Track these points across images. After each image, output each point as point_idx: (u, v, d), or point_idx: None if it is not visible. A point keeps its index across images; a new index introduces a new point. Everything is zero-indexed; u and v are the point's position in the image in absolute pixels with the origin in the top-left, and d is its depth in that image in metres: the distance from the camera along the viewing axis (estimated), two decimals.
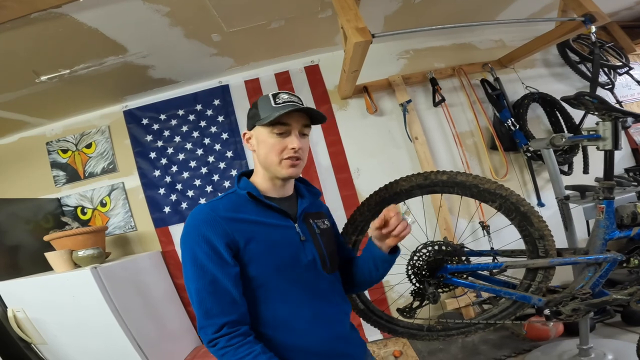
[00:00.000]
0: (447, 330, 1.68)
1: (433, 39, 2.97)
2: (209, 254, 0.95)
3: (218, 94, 2.80)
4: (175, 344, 2.45)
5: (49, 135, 2.86)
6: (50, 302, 1.99)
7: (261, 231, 1.02)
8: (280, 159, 1.04)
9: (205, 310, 0.93)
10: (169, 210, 2.73)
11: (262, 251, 1.00)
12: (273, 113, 1.01)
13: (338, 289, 1.17)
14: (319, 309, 1.06)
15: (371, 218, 1.46)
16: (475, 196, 1.34)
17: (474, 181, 1.30)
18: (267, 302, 1.01)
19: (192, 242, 0.97)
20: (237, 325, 0.94)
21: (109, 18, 1.80)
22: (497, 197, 1.32)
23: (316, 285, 1.08)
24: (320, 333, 1.04)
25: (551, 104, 2.86)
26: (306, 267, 1.06)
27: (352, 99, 2.82)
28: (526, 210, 1.32)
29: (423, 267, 1.48)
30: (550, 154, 1.74)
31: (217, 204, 1.03)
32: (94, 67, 2.20)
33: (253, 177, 1.14)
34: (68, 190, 2.82)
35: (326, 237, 1.17)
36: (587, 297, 1.40)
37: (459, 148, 2.77)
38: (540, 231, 1.35)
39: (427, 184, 1.36)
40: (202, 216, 1.00)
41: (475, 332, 1.67)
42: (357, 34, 1.81)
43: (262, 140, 1.06)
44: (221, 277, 0.94)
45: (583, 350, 1.88)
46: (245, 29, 2.22)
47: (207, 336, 0.93)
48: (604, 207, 1.43)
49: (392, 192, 1.39)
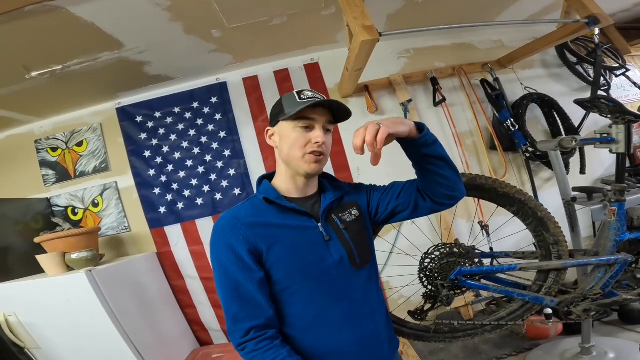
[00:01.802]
0: (454, 332, 1.67)
1: (434, 39, 2.96)
2: (232, 260, 0.97)
3: (216, 92, 2.72)
4: (173, 346, 2.41)
5: (37, 133, 2.74)
6: (43, 306, 1.93)
7: (283, 235, 1.01)
8: (303, 153, 1.02)
9: (232, 315, 0.95)
10: (165, 211, 2.65)
11: (285, 255, 1.00)
12: (298, 107, 1.00)
13: (370, 284, 1.12)
14: (347, 310, 1.04)
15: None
16: (494, 200, 1.32)
17: (494, 185, 1.28)
18: (293, 305, 1.01)
19: (217, 249, 1.00)
20: (264, 329, 0.95)
21: (107, 12, 1.72)
22: (515, 202, 1.31)
23: (344, 285, 1.05)
24: (348, 334, 1.03)
25: (549, 104, 2.88)
26: (332, 268, 1.03)
27: (353, 98, 2.78)
28: (544, 216, 1.31)
29: (435, 269, 1.46)
30: (558, 156, 1.74)
31: (239, 211, 1.05)
32: (87, 63, 2.10)
33: (275, 179, 1.13)
34: (58, 190, 2.72)
35: (353, 229, 1.11)
36: (598, 298, 1.40)
37: (458, 148, 2.76)
38: (555, 237, 1.34)
39: None
40: (225, 223, 1.02)
41: (482, 334, 1.66)
42: (365, 32, 1.77)
43: (285, 135, 1.05)
44: (245, 283, 0.96)
45: (585, 348, 1.90)
46: (246, 25, 2.16)
47: (236, 340, 0.95)
48: (616, 210, 1.43)
49: None
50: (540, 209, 1.30)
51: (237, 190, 2.66)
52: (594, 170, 2.94)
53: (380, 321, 1.13)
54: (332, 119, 1.08)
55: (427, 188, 1.10)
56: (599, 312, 1.42)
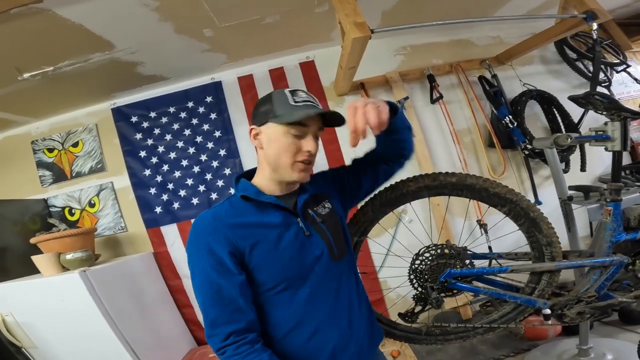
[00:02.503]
0: (446, 335, 1.64)
1: (430, 35, 2.92)
2: (212, 264, 0.93)
3: (210, 91, 2.71)
4: (171, 346, 2.41)
5: (34, 134, 2.75)
6: (39, 306, 1.94)
7: (265, 234, 0.98)
8: (293, 161, 0.99)
9: (212, 319, 0.92)
10: (161, 211, 2.65)
11: (268, 255, 0.97)
12: (293, 112, 0.96)
13: (350, 276, 1.13)
14: (331, 305, 1.04)
15: (375, 219, 1.41)
16: (485, 200, 1.29)
17: (484, 184, 1.26)
18: (277, 306, 0.99)
19: (196, 252, 0.96)
20: (245, 333, 0.92)
21: (94, 13, 1.70)
22: (507, 202, 1.28)
23: (327, 280, 1.04)
24: (331, 330, 1.02)
25: (549, 101, 2.84)
26: (315, 263, 1.02)
27: (349, 96, 2.76)
28: (536, 217, 1.28)
29: (425, 271, 1.44)
30: (554, 154, 1.70)
31: (219, 211, 1.01)
32: (79, 64, 2.09)
33: (255, 177, 1.08)
34: (55, 190, 2.72)
35: (329, 222, 1.10)
36: (592, 300, 1.37)
37: (456, 145, 2.73)
38: (548, 238, 1.31)
39: (436, 186, 1.31)
40: (205, 225, 0.97)
41: (474, 336, 1.63)
42: (356, 29, 1.75)
43: (274, 139, 0.99)
44: (226, 287, 0.92)
45: (583, 350, 1.87)
46: (238, 24, 2.14)
47: (215, 344, 0.92)
48: (612, 210, 1.40)
49: (398, 193, 1.34)
50: (532, 209, 1.27)
51: (232, 190, 2.64)
52: (595, 168, 2.90)
53: (362, 314, 1.12)
54: (322, 124, 1.05)
55: (388, 153, 1.18)
56: (593, 315, 1.39)
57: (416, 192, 1.33)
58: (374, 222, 1.42)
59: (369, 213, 1.39)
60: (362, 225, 1.42)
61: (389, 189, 1.36)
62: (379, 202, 1.37)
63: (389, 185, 1.37)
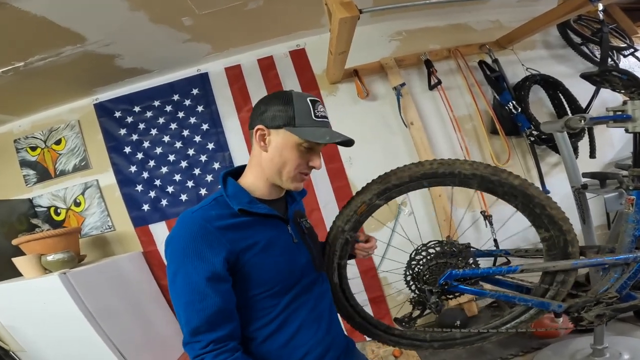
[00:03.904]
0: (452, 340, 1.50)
1: (426, 20, 2.78)
2: (201, 270, 0.87)
3: (197, 83, 2.60)
4: (164, 348, 2.33)
5: (16, 132, 2.66)
6: (23, 309, 1.93)
7: (257, 238, 0.96)
8: (296, 173, 0.99)
9: (193, 327, 0.88)
10: (149, 208, 2.55)
11: (260, 259, 0.95)
12: (315, 130, 0.96)
13: (327, 287, 1.17)
14: (315, 311, 1.05)
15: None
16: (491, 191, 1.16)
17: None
18: (263, 310, 0.97)
19: (183, 256, 0.89)
20: (226, 340, 0.89)
21: (56, 4, 1.60)
22: None
23: (312, 287, 1.06)
24: (316, 335, 1.03)
25: (554, 86, 2.70)
26: (301, 270, 1.03)
27: (342, 84, 2.63)
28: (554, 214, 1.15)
29: (424, 272, 1.30)
30: (565, 138, 1.55)
31: (208, 212, 0.94)
32: (51, 59, 1.99)
33: (244, 177, 1.05)
34: (40, 189, 2.64)
35: (312, 235, 1.16)
36: (613, 302, 1.22)
37: (457, 133, 2.60)
38: (564, 231, 1.17)
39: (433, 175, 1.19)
40: (195, 228, 0.91)
41: (483, 341, 1.49)
42: (342, 9, 1.63)
43: (284, 147, 0.96)
44: (212, 294, 0.88)
45: (597, 350, 1.73)
46: (219, 11, 2.01)
47: (194, 351, 0.88)
48: (634, 199, 1.23)
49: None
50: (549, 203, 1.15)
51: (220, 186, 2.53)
52: (605, 154, 2.75)
53: (338, 323, 1.17)
54: None
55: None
56: (613, 317, 1.24)
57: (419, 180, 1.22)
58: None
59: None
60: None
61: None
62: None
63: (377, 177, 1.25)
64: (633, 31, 3.02)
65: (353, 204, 1.24)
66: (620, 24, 2.99)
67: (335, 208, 2.50)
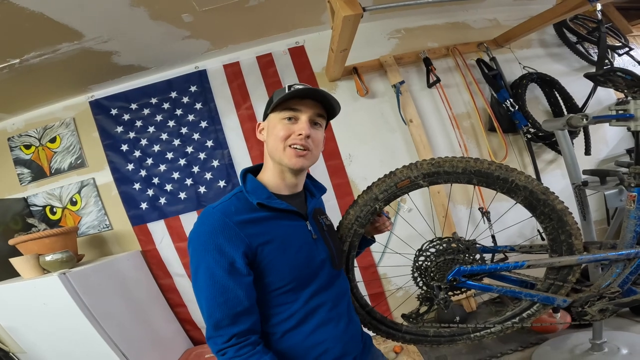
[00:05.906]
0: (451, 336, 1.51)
1: (425, 18, 2.80)
2: (222, 264, 0.89)
3: (195, 80, 2.57)
4: (165, 347, 2.33)
5: (10, 130, 2.60)
6: (22, 310, 1.90)
7: (275, 233, 0.97)
8: (284, 146, 0.99)
9: (216, 321, 0.89)
10: (147, 207, 2.52)
11: (278, 255, 0.96)
12: (284, 93, 0.99)
13: (346, 285, 1.18)
14: (332, 308, 1.05)
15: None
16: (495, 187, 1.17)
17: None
18: (283, 305, 0.98)
19: (204, 250, 0.91)
20: (247, 334, 0.91)
21: (54, 0, 1.57)
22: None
23: (330, 284, 1.06)
24: (334, 332, 1.03)
25: (550, 84, 2.74)
26: (320, 267, 1.04)
27: (342, 81, 2.63)
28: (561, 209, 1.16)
29: (431, 268, 1.31)
30: (566, 136, 1.58)
31: (228, 207, 0.96)
32: (47, 55, 1.96)
33: (261, 173, 1.08)
34: (34, 188, 2.59)
35: (331, 232, 1.17)
36: (616, 296, 1.25)
37: (455, 130, 2.62)
38: (568, 228, 1.19)
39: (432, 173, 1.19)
40: (215, 223, 0.92)
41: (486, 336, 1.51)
42: (346, 6, 1.63)
43: (271, 127, 1.02)
44: (234, 288, 0.90)
45: (596, 344, 1.77)
46: (219, 7, 1.99)
47: (216, 346, 0.90)
48: (636, 196, 1.26)
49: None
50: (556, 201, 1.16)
51: (221, 183, 2.52)
52: (599, 151, 2.80)
53: (356, 321, 1.17)
54: (324, 112, 1.05)
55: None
56: (616, 312, 1.27)
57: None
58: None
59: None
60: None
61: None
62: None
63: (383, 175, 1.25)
64: (628, 30, 3.08)
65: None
66: (615, 23, 3.05)
67: (336, 205, 2.50)
